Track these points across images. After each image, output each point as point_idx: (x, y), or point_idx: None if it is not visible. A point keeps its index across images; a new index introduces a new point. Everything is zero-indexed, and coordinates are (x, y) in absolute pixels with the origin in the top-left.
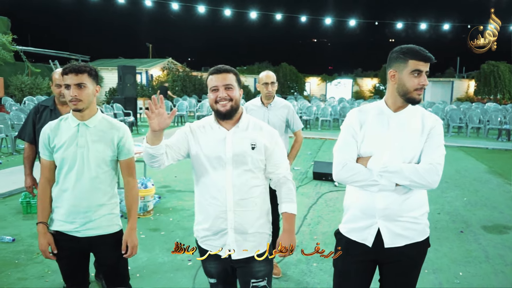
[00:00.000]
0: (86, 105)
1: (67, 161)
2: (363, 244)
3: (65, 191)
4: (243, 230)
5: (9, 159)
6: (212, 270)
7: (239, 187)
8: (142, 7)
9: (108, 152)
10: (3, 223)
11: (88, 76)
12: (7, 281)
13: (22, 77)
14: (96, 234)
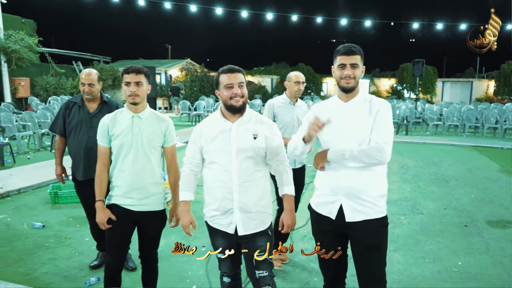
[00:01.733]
0: (141, 100)
1: (124, 146)
2: (328, 217)
3: (123, 171)
4: (247, 209)
5: (36, 154)
6: (221, 246)
7: (242, 171)
8: (161, 10)
9: (157, 139)
10: (34, 211)
11: (145, 76)
12: (40, 260)
13: (47, 77)
14: (148, 209)
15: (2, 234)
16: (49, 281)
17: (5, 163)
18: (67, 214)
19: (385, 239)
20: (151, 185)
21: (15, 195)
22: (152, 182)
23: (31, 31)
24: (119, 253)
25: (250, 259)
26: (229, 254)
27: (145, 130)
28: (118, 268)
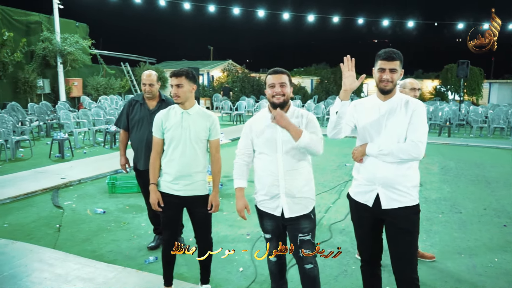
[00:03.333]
0: (183, 99)
1: (174, 138)
2: (366, 204)
3: (172, 161)
4: (292, 194)
5: (91, 149)
6: (268, 227)
7: (287, 161)
8: (204, 12)
9: (203, 133)
10: (94, 199)
11: (185, 77)
12: (103, 241)
13: (98, 78)
14: (193, 194)
15: (69, 218)
16: (113, 258)
17: (65, 156)
18: (124, 203)
19: (417, 224)
20: (196, 173)
21: (76, 185)
22: (197, 171)
23: (84, 34)
24: (173, 232)
25: (294, 239)
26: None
27: (193, 125)
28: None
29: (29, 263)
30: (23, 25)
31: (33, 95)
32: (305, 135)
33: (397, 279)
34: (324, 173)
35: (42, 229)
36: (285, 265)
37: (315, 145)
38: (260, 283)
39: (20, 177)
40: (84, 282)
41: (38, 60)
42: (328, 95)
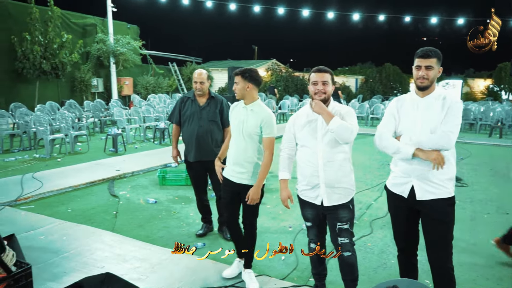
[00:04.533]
0: (239, 96)
1: (233, 129)
2: (401, 195)
3: (231, 149)
4: (331, 184)
5: (141, 145)
6: (309, 216)
7: (326, 153)
8: (249, 12)
9: (254, 128)
10: (146, 190)
11: (241, 77)
12: (156, 227)
13: (147, 77)
14: (243, 182)
15: (125, 206)
16: (165, 243)
17: (118, 150)
18: (173, 194)
19: (452, 215)
20: (246, 164)
21: (129, 177)
22: (247, 162)
23: (135, 36)
24: (231, 213)
25: (333, 227)
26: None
27: (247, 119)
28: (233, 222)
29: (91, 244)
30: (80, 28)
31: (88, 94)
32: (336, 119)
33: (432, 269)
34: (368, 171)
35: (101, 215)
36: (324, 252)
37: (344, 131)
38: (301, 270)
39: (80, 169)
40: (141, 262)
41: (93, 60)
42: (373, 94)
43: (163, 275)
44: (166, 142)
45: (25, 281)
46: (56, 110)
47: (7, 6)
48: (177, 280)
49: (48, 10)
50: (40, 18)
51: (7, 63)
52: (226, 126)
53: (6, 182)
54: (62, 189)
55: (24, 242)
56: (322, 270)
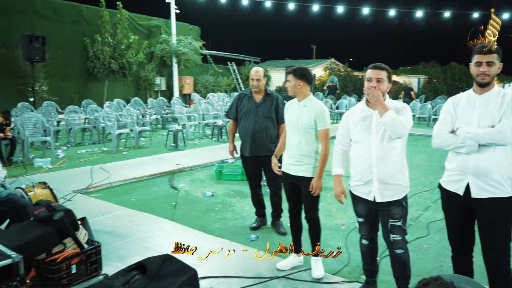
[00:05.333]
0: (290, 93)
1: (288, 124)
2: (456, 193)
3: (288, 143)
4: (384, 181)
5: (200, 141)
6: (361, 212)
7: (380, 148)
8: (308, 12)
9: (308, 123)
10: (204, 184)
11: (292, 75)
12: (212, 219)
13: (207, 76)
14: (301, 175)
15: (184, 198)
16: (220, 234)
17: (178, 146)
18: (229, 188)
19: (510, 216)
20: (303, 157)
21: (188, 171)
22: (304, 155)
23: (196, 36)
24: (293, 204)
25: (386, 224)
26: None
27: (301, 114)
28: (296, 214)
29: (153, 231)
30: (145, 29)
31: (152, 92)
32: (390, 113)
33: (488, 271)
34: (427, 173)
35: (162, 205)
36: (376, 249)
37: (398, 125)
38: (353, 267)
39: (143, 162)
40: (198, 249)
41: (156, 60)
42: (437, 94)
43: (216, 263)
44: (223, 139)
45: (95, 257)
46: (123, 107)
47: (81, 10)
48: (230, 268)
49: (117, 13)
50: (110, 20)
51: (81, 63)
52: (281, 122)
53: (78, 172)
54: (127, 180)
55: (94, 226)
56: (373, 266)
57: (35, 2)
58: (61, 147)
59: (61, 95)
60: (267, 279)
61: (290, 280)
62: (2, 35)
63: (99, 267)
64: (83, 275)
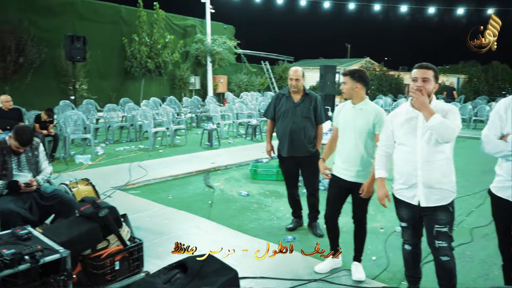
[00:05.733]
0: (346, 95)
1: (343, 128)
2: (508, 200)
3: (340, 147)
4: (430, 185)
5: (234, 140)
6: (404, 216)
7: (426, 151)
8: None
9: (366, 126)
10: (239, 183)
11: (349, 77)
12: (248, 219)
13: (241, 75)
14: (354, 180)
15: (219, 196)
16: (256, 233)
17: (213, 145)
18: (264, 188)
19: None
20: (359, 161)
21: (223, 170)
22: (357, 159)
23: (230, 35)
24: (334, 210)
25: (430, 229)
26: (412, 222)
27: (357, 118)
28: (333, 219)
29: (190, 229)
30: (181, 29)
31: (186, 91)
32: (436, 117)
33: None
34: (469, 176)
35: (198, 203)
36: (419, 254)
37: (445, 129)
38: (393, 272)
39: (178, 160)
40: (235, 249)
41: (191, 59)
42: (478, 95)
43: (253, 263)
44: (257, 139)
45: (137, 255)
46: (158, 105)
47: (120, 11)
48: (267, 269)
49: (154, 13)
50: (147, 20)
51: (118, 62)
52: (319, 123)
53: (117, 169)
54: (163, 177)
55: (133, 222)
56: (416, 273)
57: (77, 4)
58: (100, 144)
59: (99, 93)
60: (305, 281)
61: (329, 283)
62: (46, 36)
63: (140, 264)
64: (126, 272)
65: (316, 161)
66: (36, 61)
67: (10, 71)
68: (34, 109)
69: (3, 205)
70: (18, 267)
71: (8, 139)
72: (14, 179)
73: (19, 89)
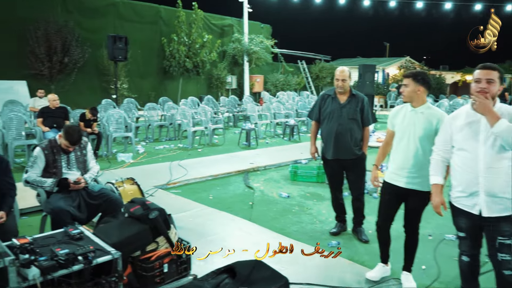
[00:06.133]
0: (407, 98)
1: (400, 133)
2: None
3: (397, 153)
4: (493, 193)
5: (271, 140)
6: (463, 225)
7: (488, 158)
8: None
9: (427, 131)
10: (279, 184)
11: (412, 79)
12: (289, 221)
13: (277, 75)
14: (410, 187)
15: (259, 198)
16: (299, 237)
17: (250, 145)
18: (305, 190)
19: None
20: (418, 168)
21: (262, 170)
22: (416, 166)
23: (267, 35)
24: (385, 218)
25: (493, 241)
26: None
27: (417, 122)
28: (386, 227)
29: (232, 230)
30: (218, 28)
31: (223, 90)
32: (502, 122)
33: None
34: None
35: (239, 204)
36: (478, 267)
37: None
38: (445, 283)
39: (217, 160)
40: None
41: (228, 59)
42: None
43: (298, 269)
44: (295, 139)
45: (185, 257)
46: (196, 105)
47: (160, 11)
48: (312, 275)
49: (193, 13)
50: (186, 20)
51: (157, 62)
52: (366, 124)
53: (158, 168)
54: (203, 177)
55: (176, 222)
56: (474, 286)
57: (118, 5)
58: (140, 142)
59: (139, 92)
60: None
61: None
62: (90, 36)
63: (188, 267)
64: (174, 275)
65: (363, 164)
66: (80, 61)
67: (56, 70)
68: (77, 108)
69: (53, 203)
70: (72, 268)
71: (58, 138)
72: (63, 177)
73: (63, 88)
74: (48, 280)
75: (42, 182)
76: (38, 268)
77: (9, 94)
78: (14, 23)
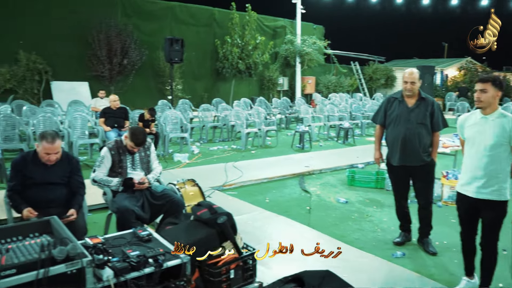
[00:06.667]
0: (485, 104)
1: (470, 141)
2: None
3: (468, 162)
4: None
5: (325, 143)
6: None
7: None
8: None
9: (502, 138)
10: (335, 189)
11: (491, 84)
12: (350, 228)
13: (329, 76)
14: (485, 198)
15: (316, 202)
16: (361, 246)
17: (304, 147)
18: (363, 196)
19: None
20: (491, 177)
21: (317, 174)
22: (489, 175)
23: (320, 36)
24: (467, 230)
25: None
26: None
27: (489, 130)
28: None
29: (292, 236)
30: (271, 30)
31: (274, 91)
32: None
33: None
34: None
35: (296, 208)
36: None
37: None
38: None
39: (272, 162)
40: (340, 261)
41: (280, 60)
42: None
43: (363, 278)
44: (349, 142)
45: (251, 264)
46: (249, 106)
47: (214, 13)
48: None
49: (246, 15)
50: (239, 22)
51: (211, 63)
52: (437, 129)
53: (213, 169)
54: (259, 179)
55: None
56: None
57: (175, 8)
58: (194, 143)
59: (192, 93)
60: None
61: None
62: (147, 39)
63: (253, 274)
64: (240, 281)
65: (431, 171)
66: (137, 63)
67: (115, 72)
68: (135, 108)
69: (119, 202)
70: (144, 270)
71: (124, 139)
72: (128, 177)
73: (122, 89)
74: (121, 282)
75: (109, 182)
76: (112, 269)
77: (72, 94)
78: (78, 28)
